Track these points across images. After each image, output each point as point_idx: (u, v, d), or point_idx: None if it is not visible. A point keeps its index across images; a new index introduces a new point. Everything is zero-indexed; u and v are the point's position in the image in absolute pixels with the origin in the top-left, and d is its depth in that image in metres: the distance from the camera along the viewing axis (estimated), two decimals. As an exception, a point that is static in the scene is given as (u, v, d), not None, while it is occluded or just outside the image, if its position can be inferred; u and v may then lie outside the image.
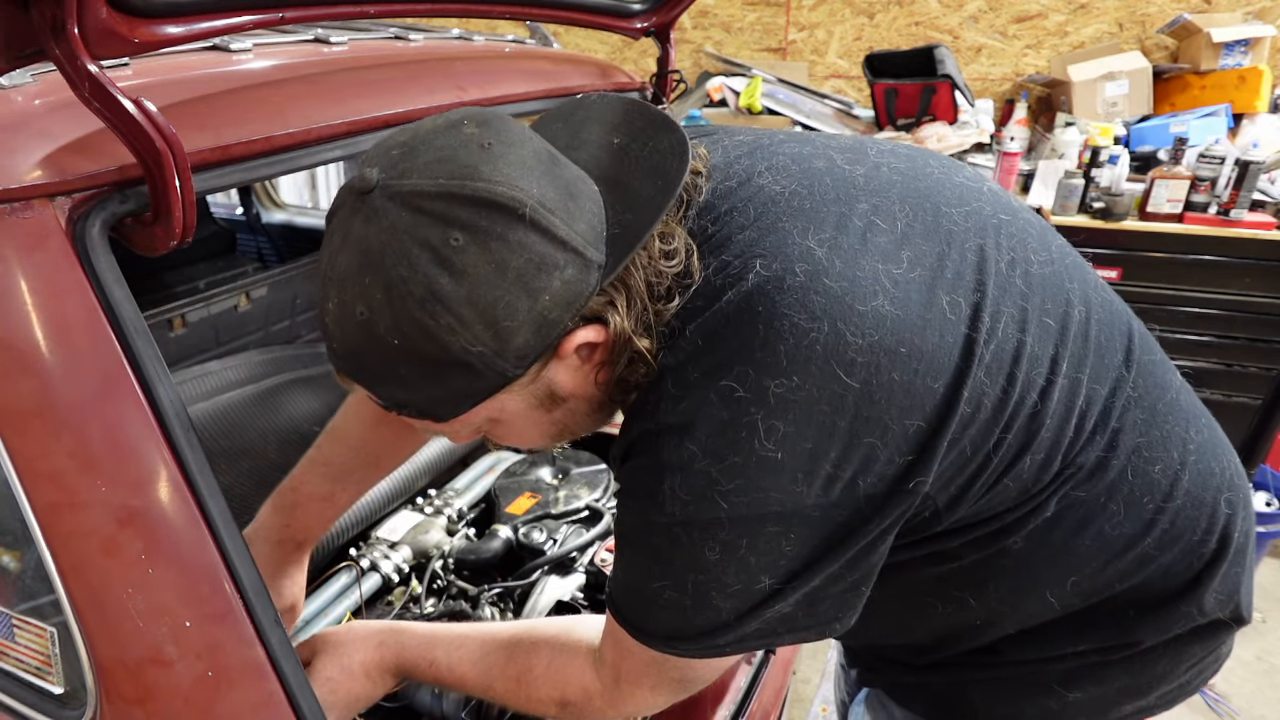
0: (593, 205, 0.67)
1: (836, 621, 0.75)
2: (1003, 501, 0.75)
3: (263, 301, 1.80)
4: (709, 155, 0.77)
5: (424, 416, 0.71)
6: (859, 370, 0.64)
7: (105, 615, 0.71)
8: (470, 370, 0.64)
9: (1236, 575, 0.84)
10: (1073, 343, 0.75)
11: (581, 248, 0.64)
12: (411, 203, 0.61)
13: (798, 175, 0.73)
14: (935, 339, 0.67)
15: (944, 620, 0.84)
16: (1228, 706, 2.27)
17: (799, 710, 2.26)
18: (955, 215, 0.74)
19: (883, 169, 0.76)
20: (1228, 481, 0.84)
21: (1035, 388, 0.72)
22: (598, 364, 0.71)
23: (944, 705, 0.93)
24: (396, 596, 1.34)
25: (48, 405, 0.71)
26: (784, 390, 0.64)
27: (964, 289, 0.70)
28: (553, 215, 0.62)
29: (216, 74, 0.96)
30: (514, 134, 0.66)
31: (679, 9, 1.40)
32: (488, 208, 0.61)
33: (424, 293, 0.60)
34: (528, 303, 0.62)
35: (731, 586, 0.70)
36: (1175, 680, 0.87)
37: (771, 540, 0.68)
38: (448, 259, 0.60)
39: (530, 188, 0.62)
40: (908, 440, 0.67)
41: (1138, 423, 0.78)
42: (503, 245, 0.61)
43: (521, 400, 0.71)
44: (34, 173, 0.74)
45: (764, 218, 0.70)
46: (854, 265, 0.67)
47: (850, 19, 3.75)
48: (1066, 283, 0.78)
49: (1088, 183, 2.79)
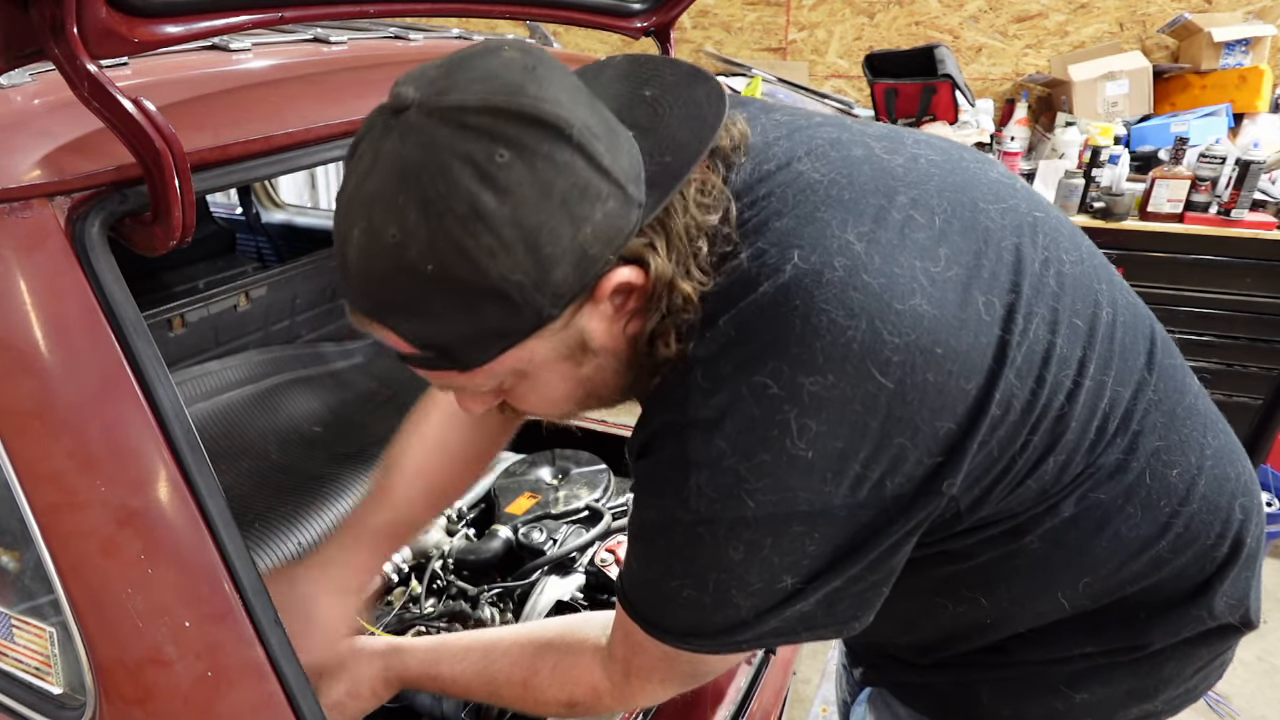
0: (629, 145, 0.64)
1: (855, 620, 0.74)
2: (1022, 502, 0.74)
3: (262, 301, 1.80)
4: (747, 135, 0.74)
5: (448, 362, 0.65)
6: (894, 370, 0.63)
7: (105, 615, 0.71)
8: (507, 303, 0.59)
9: (1247, 580, 0.84)
10: (1100, 345, 0.74)
11: (623, 182, 0.61)
12: (453, 117, 0.57)
13: (837, 163, 0.72)
14: (970, 340, 0.66)
15: (953, 619, 0.84)
16: (1228, 707, 2.27)
17: (799, 710, 2.26)
18: (992, 212, 0.73)
19: (920, 160, 0.75)
20: (1242, 487, 0.83)
21: (1063, 390, 0.71)
22: (630, 313, 0.67)
23: (949, 705, 0.92)
24: (396, 596, 1.34)
25: (47, 405, 0.71)
26: (819, 388, 0.63)
27: (999, 289, 0.69)
28: (598, 142, 0.59)
29: (216, 74, 0.96)
30: (553, 63, 0.63)
31: (679, 9, 1.39)
32: (536, 125, 0.57)
33: (466, 210, 0.56)
34: (571, 230, 0.58)
35: (753, 585, 0.69)
36: (1182, 684, 0.87)
37: (796, 540, 0.67)
38: (492, 175, 0.56)
39: (578, 111, 0.59)
40: (938, 441, 0.66)
41: (1158, 426, 0.77)
42: (549, 165, 0.57)
43: (551, 349, 0.66)
44: (33, 172, 0.74)
45: (802, 206, 0.68)
46: (892, 261, 0.66)
47: (850, 19, 3.75)
48: (1095, 284, 0.77)
49: (1088, 183, 2.79)
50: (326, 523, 1.32)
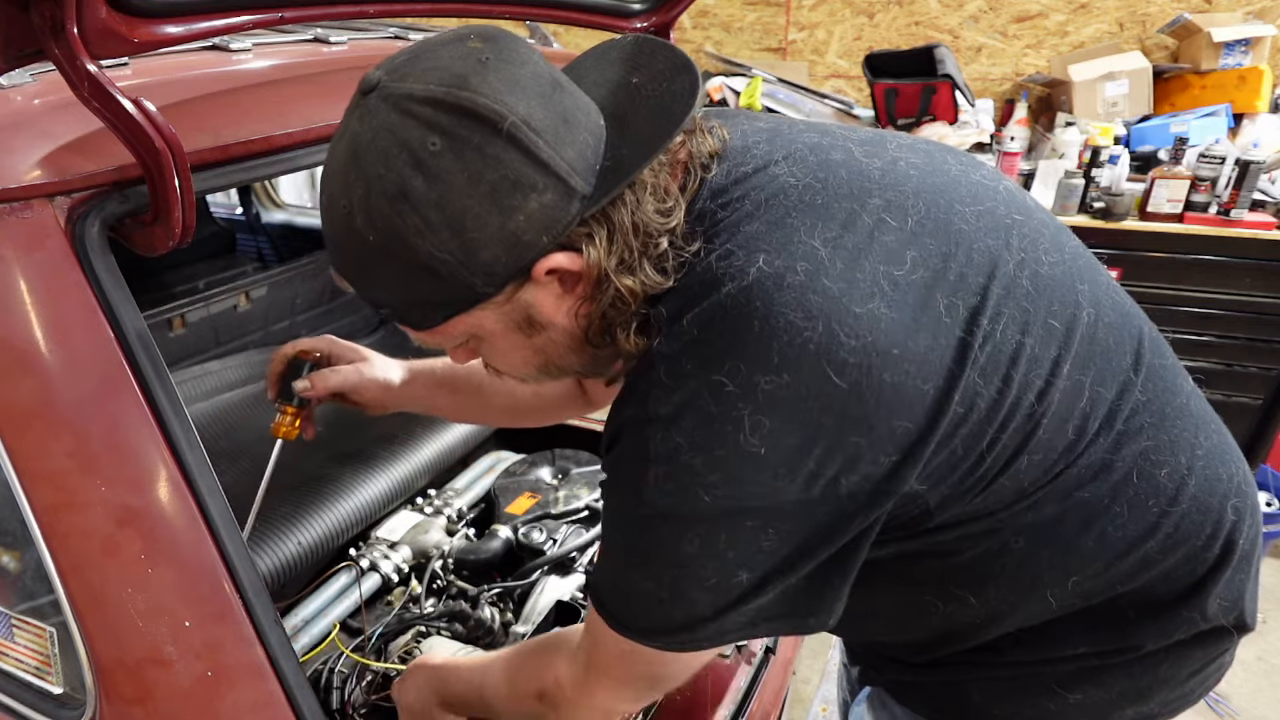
0: (589, 136, 0.67)
1: (812, 617, 0.75)
2: (1000, 500, 0.75)
3: (262, 301, 1.80)
4: (729, 138, 0.76)
5: (404, 322, 0.73)
6: (850, 371, 0.64)
7: (105, 615, 0.71)
8: (436, 278, 0.65)
9: (1241, 582, 0.84)
10: (1078, 345, 0.74)
11: (565, 174, 0.64)
12: (401, 105, 0.63)
13: (813, 166, 0.73)
14: (928, 341, 0.67)
15: (944, 618, 0.84)
16: (1228, 707, 2.27)
17: (799, 710, 2.26)
18: (968, 214, 0.74)
19: (900, 164, 0.76)
20: (1235, 488, 0.83)
21: (1033, 389, 0.71)
22: (579, 297, 0.71)
23: (943, 704, 0.93)
24: (396, 596, 1.34)
25: (47, 405, 0.71)
26: (773, 387, 0.64)
27: (965, 291, 0.70)
28: (537, 136, 0.63)
29: (216, 74, 0.96)
30: (517, 54, 0.66)
31: (679, 9, 1.39)
32: (468, 117, 0.62)
33: (395, 191, 0.62)
34: (499, 219, 0.63)
35: (709, 580, 0.70)
36: (1178, 686, 0.87)
37: (750, 535, 0.68)
38: (423, 162, 0.62)
39: (517, 106, 0.63)
40: (894, 440, 0.67)
41: (1145, 426, 0.77)
42: (478, 156, 0.62)
43: (498, 320, 0.72)
44: (33, 172, 0.74)
45: (773, 210, 0.69)
46: (855, 266, 0.67)
47: (850, 19, 3.75)
48: (1077, 284, 0.77)
49: (1088, 183, 2.79)
50: (327, 523, 1.31)
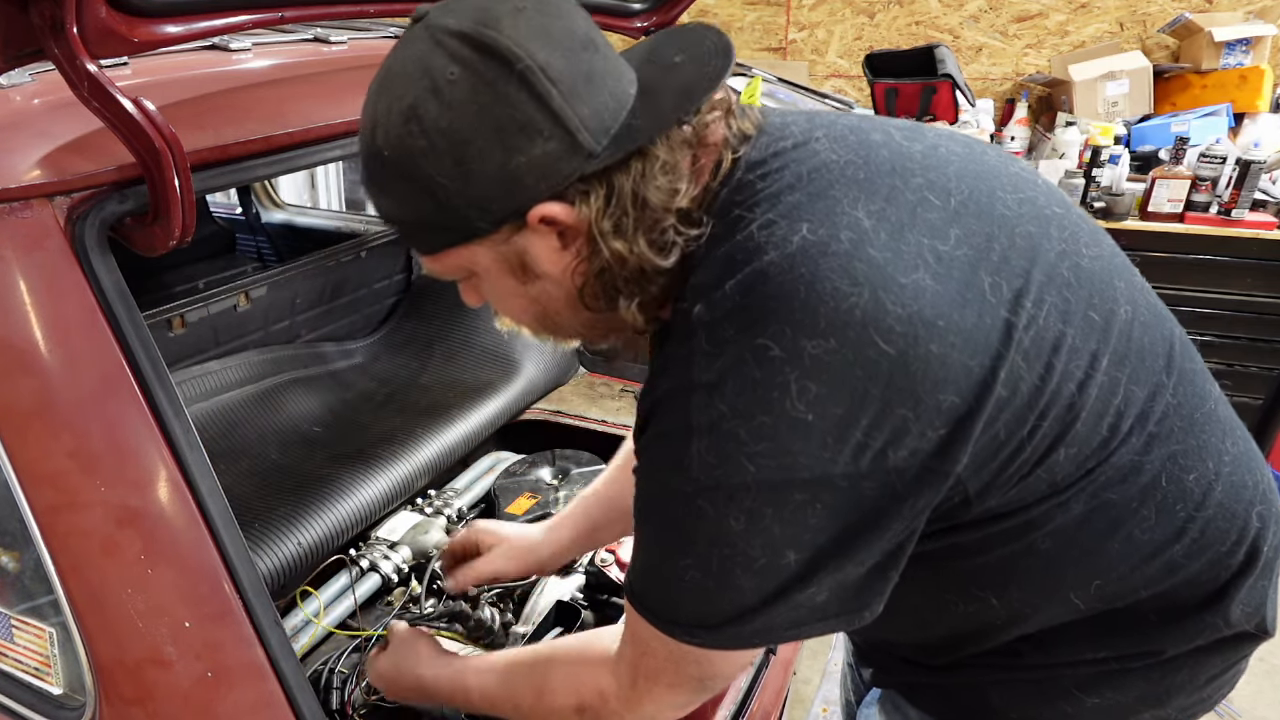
0: (610, 100, 0.68)
1: (866, 609, 0.73)
2: (1033, 493, 0.74)
3: (262, 301, 1.80)
4: (765, 119, 0.77)
5: (409, 241, 0.79)
6: (897, 338, 0.64)
7: (104, 616, 0.71)
8: (436, 201, 0.68)
9: (1264, 588, 0.84)
10: (1115, 341, 0.74)
11: (575, 129, 0.65)
12: (435, 35, 0.66)
13: (854, 145, 0.73)
14: (974, 318, 0.67)
15: (964, 619, 0.83)
16: (1229, 708, 2.27)
17: (799, 710, 2.26)
18: (1009, 200, 0.74)
19: (940, 149, 0.76)
20: (1260, 495, 0.83)
21: (1073, 379, 0.71)
22: (576, 256, 0.72)
23: (960, 706, 0.92)
24: (396, 597, 1.34)
25: (47, 405, 0.71)
26: (820, 351, 0.63)
27: (1008, 273, 0.69)
28: (551, 85, 0.65)
29: (216, 74, 0.96)
30: (557, 8, 0.69)
31: (679, 9, 1.39)
32: (488, 54, 0.64)
33: (410, 112, 0.66)
34: (501, 156, 0.65)
35: (757, 561, 0.68)
36: (1195, 692, 0.87)
37: (798, 510, 0.67)
38: (440, 89, 0.65)
39: (537, 53, 0.65)
40: (941, 415, 0.66)
41: (1175, 430, 0.77)
42: (490, 92, 0.64)
43: (493, 260, 0.73)
44: (33, 172, 0.74)
45: (815, 182, 0.69)
46: (899, 238, 0.67)
47: (850, 18, 3.75)
48: (1115, 281, 0.77)
49: (1088, 182, 2.79)
50: (327, 523, 1.31)
